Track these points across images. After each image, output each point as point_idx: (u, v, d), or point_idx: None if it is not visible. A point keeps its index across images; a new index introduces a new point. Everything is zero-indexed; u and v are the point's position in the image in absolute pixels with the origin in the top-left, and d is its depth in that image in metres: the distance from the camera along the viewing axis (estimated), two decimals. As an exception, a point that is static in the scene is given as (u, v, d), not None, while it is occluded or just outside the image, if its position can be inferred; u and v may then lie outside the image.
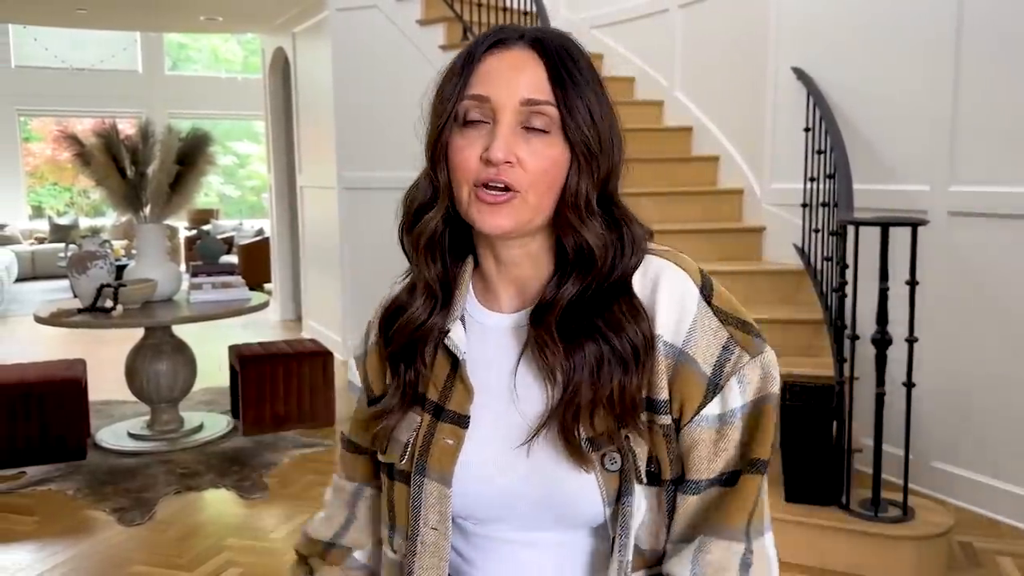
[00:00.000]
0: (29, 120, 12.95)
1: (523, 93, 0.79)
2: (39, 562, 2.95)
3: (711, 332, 0.79)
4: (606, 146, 0.81)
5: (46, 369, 4.13)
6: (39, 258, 10.90)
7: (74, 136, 4.18)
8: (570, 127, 0.79)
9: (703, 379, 0.78)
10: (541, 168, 0.79)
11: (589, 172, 0.80)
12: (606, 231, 0.81)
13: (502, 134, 0.78)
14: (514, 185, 0.78)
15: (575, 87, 0.79)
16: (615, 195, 0.84)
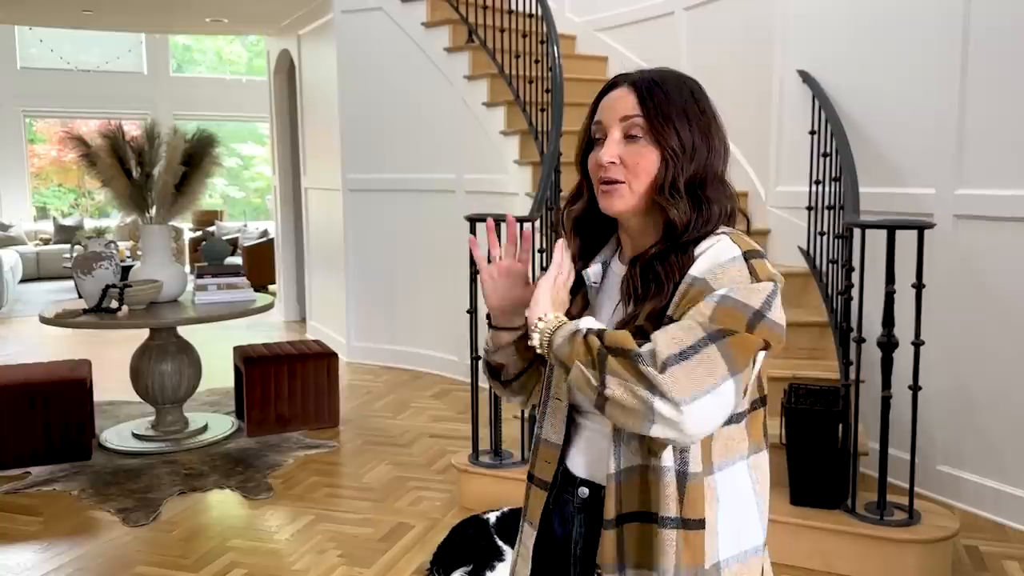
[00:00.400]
0: (34, 121, 12.98)
1: (620, 112, 1.14)
2: (44, 562, 2.96)
3: (738, 275, 1.06)
4: (690, 149, 1.11)
5: (51, 370, 4.14)
6: (44, 259, 10.92)
7: (80, 137, 4.19)
8: (654, 132, 1.11)
9: (708, 291, 1.06)
10: (636, 163, 1.12)
11: (675, 166, 1.11)
12: (691, 210, 1.11)
13: (607, 144, 1.14)
14: (619, 178, 1.13)
15: (659, 105, 1.12)
16: (706, 185, 1.13)
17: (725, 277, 1.05)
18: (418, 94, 5.46)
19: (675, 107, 1.12)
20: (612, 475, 1.11)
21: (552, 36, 4.17)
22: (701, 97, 1.15)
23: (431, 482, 3.70)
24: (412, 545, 3.08)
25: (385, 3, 5.51)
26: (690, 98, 1.13)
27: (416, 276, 5.62)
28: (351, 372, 5.61)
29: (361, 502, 3.48)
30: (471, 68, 5.09)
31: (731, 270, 1.06)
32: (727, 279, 1.05)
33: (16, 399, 3.83)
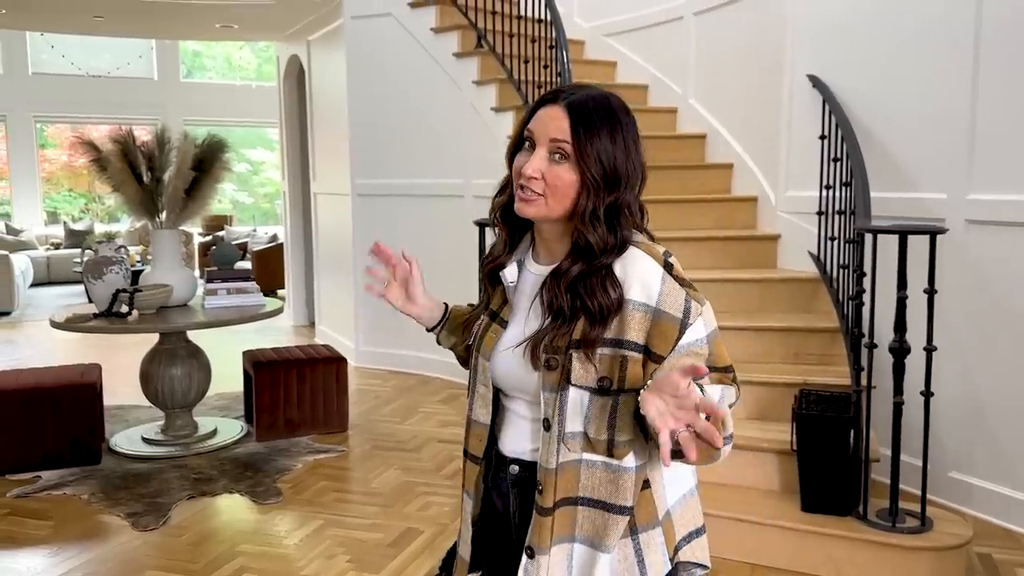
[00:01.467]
0: (45, 127, 13.05)
1: (551, 134, 1.20)
2: (54, 567, 2.96)
3: (675, 292, 1.18)
4: (612, 179, 1.20)
5: (61, 374, 4.15)
6: (55, 263, 10.98)
7: (91, 142, 4.20)
8: (582, 159, 1.19)
9: (676, 322, 1.17)
10: (555, 183, 1.20)
11: (595, 194, 1.19)
12: (607, 234, 1.20)
13: (534, 158, 1.22)
14: (538, 191, 1.22)
15: (587, 135, 1.19)
16: (622, 212, 1.22)
17: (669, 299, 1.17)
18: (427, 99, 5.46)
19: (603, 138, 1.19)
20: (550, 470, 1.22)
21: (561, 41, 4.17)
22: (628, 127, 1.22)
23: (440, 487, 3.70)
24: (421, 550, 3.07)
25: (394, 9, 5.53)
26: (618, 129, 1.21)
27: (425, 280, 5.61)
28: (359, 376, 5.61)
29: (370, 507, 3.48)
30: (480, 73, 5.10)
31: (667, 290, 1.18)
32: (671, 301, 1.17)
33: (27, 403, 3.85)
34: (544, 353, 1.22)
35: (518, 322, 1.30)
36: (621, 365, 1.18)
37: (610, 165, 1.19)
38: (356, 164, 5.87)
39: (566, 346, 1.20)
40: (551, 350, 1.22)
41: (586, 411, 1.21)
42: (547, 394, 1.23)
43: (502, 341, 1.31)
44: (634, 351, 1.18)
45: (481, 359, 1.33)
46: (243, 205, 15.47)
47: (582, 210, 1.19)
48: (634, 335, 1.18)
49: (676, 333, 1.17)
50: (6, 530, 3.29)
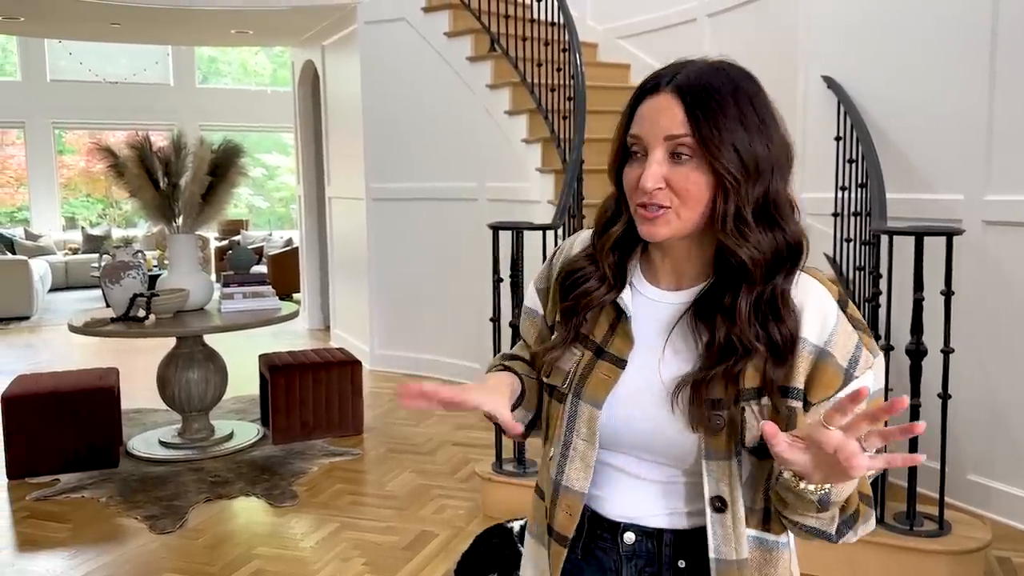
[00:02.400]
0: (63, 133, 13.18)
1: (665, 130, 0.96)
2: (72, 569, 2.99)
3: (847, 335, 0.98)
4: (754, 169, 0.96)
5: (80, 378, 4.19)
6: (73, 268, 11.07)
7: (108, 148, 4.24)
8: (707, 153, 0.95)
9: (840, 370, 0.97)
10: (685, 189, 0.96)
11: (736, 195, 0.95)
12: (765, 238, 0.97)
13: (650, 166, 0.97)
14: (665, 203, 0.97)
15: (711, 120, 0.95)
16: (777, 208, 0.99)
17: (840, 341, 0.97)
18: (440, 103, 5.48)
19: (731, 120, 0.95)
20: (737, 562, 1.00)
21: (574, 44, 4.18)
22: (759, 99, 0.98)
23: (455, 490, 3.70)
24: (436, 553, 3.08)
25: (408, 14, 5.55)
26: (747, 104, 0.96)
27: (438, 284, 5.63)
28: (374, 380, 5.63)
29: (385, 510, 3.49)
30: (493, 77, 5.11)
31: (840, 330, 0.98)
32: (842, 344, 0.97)
33: (46, 407, 3.88)
34: (708, 409, 0.97)
35: (646, 363, 1.03)
36: (788, 420, 0.97)
37: (748, 151, 0.95)
38: (370, 168, 5.89)
39: (735, 397, 0.97)
40: (712, 404, 0.97)
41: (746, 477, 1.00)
42: (715, 463, 0.98)
43: (621, 385, 1.03)
44: (798, 400, 0.97)
45: (584, 406, 1.04)
46: (259, 209, 15.55)
47: (722, 215, 0.95)
48: (798, 381, 0.97)
49: (839, 384, 0.97)
50: (25, 532, 3.32)
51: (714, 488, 0.99)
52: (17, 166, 13.09)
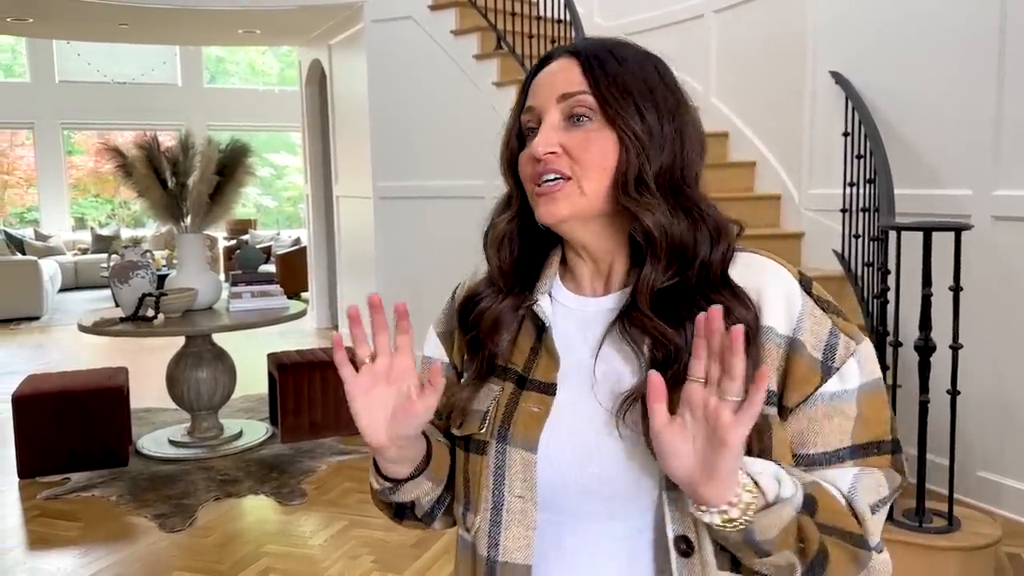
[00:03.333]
0: (72, 133, 13.24)
1: (559, 89, 0.84)
2: (83, 567, 3.00)
3: (817, 320, 0.81)
4: (658, 133, 0.83)
5: (89, 377, 4.21)
6: (82, 268, 11.12)
7: (116, 148, 4.26)
8: (609, 112, 0.82)
9: (815, 364, 0.80)
10: (586, 153, 0.82)
11: (641, 154, 0.81)
12: (672, 217, 0.82)
13: (542, 130, 0.84)
14: (565, 172, 0.82)
15: (613, 77, 0.83)
16: (686, 186, 0.84)
17: (810, 328, 0.80)
18: (447, 101, 5.48)
19: (635, 81, 0.83)
20: None
21: (581, 41, 4.17)
22: (668, 76, 0.87)
23: (463, 488, 3.70)
24: (444, 552, 3.08)
25: (414, 12, 5.55)
26: (654, 74, 0.85)
27: (445, 283, 5.60)
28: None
29: (393, 508, 3.49)
30: (500, 75, 5.10)
31: (807, 314, 0.81)
32: (812, 331, 0.80)
33: (56, 406, 3.90)
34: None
35: (579, 385, 0.84)
36: (759, 431, 0.77)
37: (654, 119, 0.82)
38: (377, 167, 5.90)
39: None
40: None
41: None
42: (676, 493, 0.77)
43: (555, 416, 0.83)
44: (772, 406, 0.79)
45: (515, 452, 0.83)
46: (267, 209, 15.59)
47: (622, 176, 0.81)
48: (775, 382, 0.80)
49: (817, 380, 0.79)
50: (36, 531, 3.34)
51: (678, 527, 0.78)
52: (27, 167, 13.16)
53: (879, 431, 0.82)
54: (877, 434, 0.82)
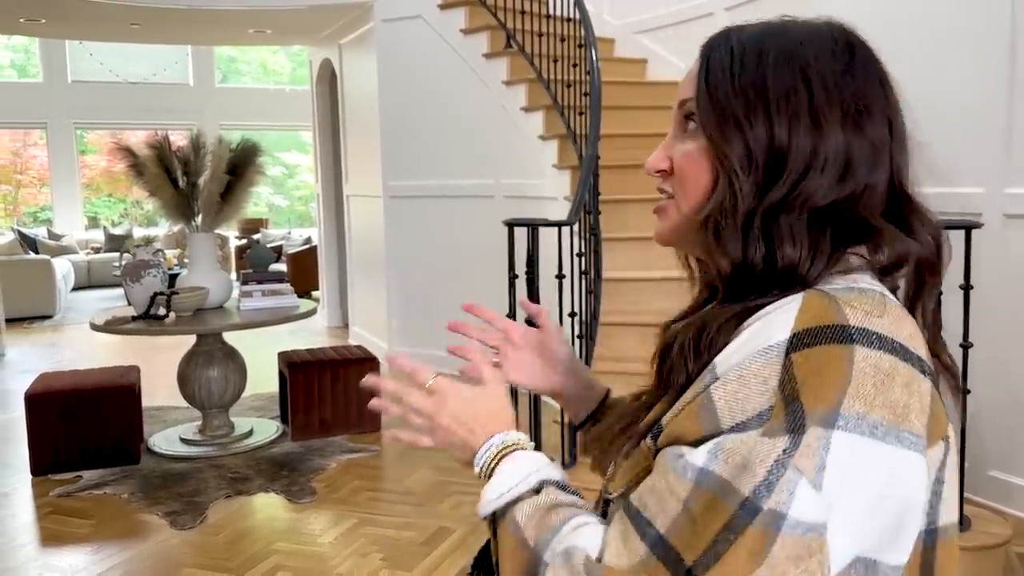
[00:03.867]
0: (85, 133, 13.32)
1: (681, 92, 0.76)
2: (95, 564, 3.03)
3: (760, 385, 0.61)
4: (763, 163, 0.68)
5: (101, 375, 4.24)
6: (95, 267, 11.19)
7: (128, 148, 4.28)
8: (701, 120, 0.71)
9: (708, 425, 0.63)
10: (680, 168, 0.74)
11: (730, 188, 0.69)
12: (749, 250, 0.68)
13: (662, 143, 0.77)
14: (668, 190, 0.77)
15: (712, 83, 0.71)
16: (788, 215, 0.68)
17: (735, 386, 0.62)
18: (457, 100, 5.49)
19: (745, 85, 0.69)
20: None
21: (590, 40, 4.17)
22: (819, 73, 0.70)
23: (472, 486, 3.70)
24: (453, 549, 3.09)
25: (424, 11, 5.56)
26: (787, 71, 0.69)
27: (455, 281, 5.64)
28: (393, 377, 5.64)
29: (403, 506, 3.51)
30: (509, 73, 5.11)
31: (750, 371, 0.62)
32: (736, 393, 0.62)
33: (68, 404, 3.93)
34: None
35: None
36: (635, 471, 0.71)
37: (760, 134, 0.68)
38: (387, 166, 5.91)
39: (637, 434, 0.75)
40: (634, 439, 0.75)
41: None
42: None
43: None
44: (652, 442, 0.70)
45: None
46: (279, 208, 15.65)
47: (706, 210, 0.70)
48: (668, 414, 0.69)
49: (696, 434, 0.63)
50: (49, 528, 3.36)
51: None
52: (40, 166, 13.25)
53: (694, 542, 0.59)
54: (686, 543, 0.59)
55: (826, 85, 0.69)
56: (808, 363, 0.60)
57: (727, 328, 0.68)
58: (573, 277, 3.50)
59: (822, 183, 0.68)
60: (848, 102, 0.70)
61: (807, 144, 0.68)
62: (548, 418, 3.56)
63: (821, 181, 0.68)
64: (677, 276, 0.88)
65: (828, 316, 0.62)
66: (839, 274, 0.69)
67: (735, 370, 0.63)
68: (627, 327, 3.69)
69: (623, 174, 4.38)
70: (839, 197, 0.68)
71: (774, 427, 0.59)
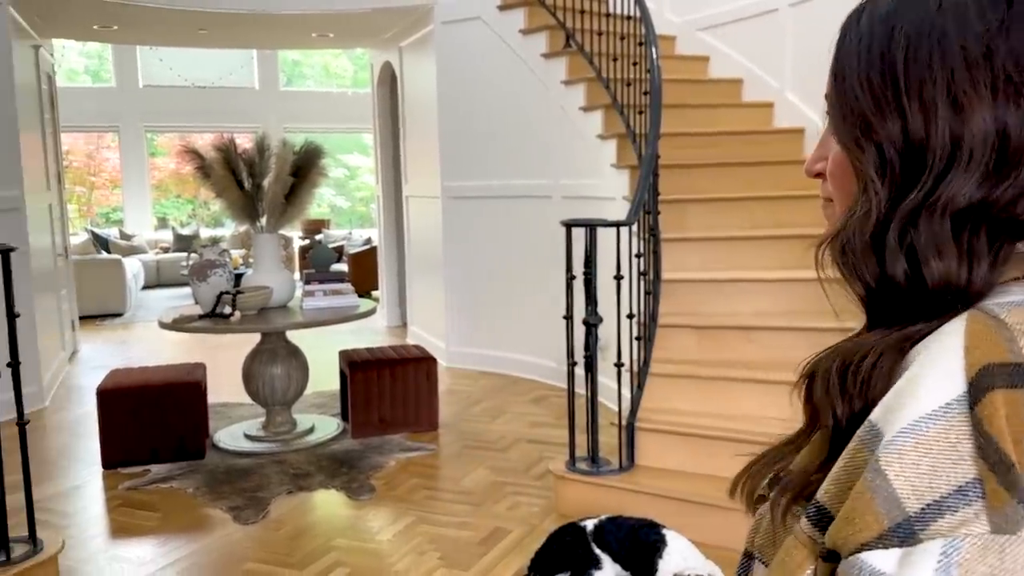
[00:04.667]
0: (155, 136, 13.71)
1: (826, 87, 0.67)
2: (161, 556, 3.11)
3: (948, 452, 0.49)
4: (899, 166, 0.58)
5: (169, 372, 4.35)
6: (164, 267, 11.51)
7: (196, 150, 4.39)
8: (834, 124, 0.63)
9: (891, 512, 0.49)
10: (830, 172, 0.66)
11: (865, 196, 0.59)
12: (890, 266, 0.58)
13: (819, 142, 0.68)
14: (825, 194, 0.69)
15: (848, 67, 0.62)
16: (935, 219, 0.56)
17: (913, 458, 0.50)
18: (515, 101, 5.49)
19: (873, 79, 0.60)
20: None
21: (650, 38, 4.12)
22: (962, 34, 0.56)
23: (528, 487, 3.70)
24: (510, 550, 3.08)
25: (483, 12, 5.57)
26: (921, 48, 0.58)
27: (513, 281, 5.64)
28: (450, 377, 5.68)
29: (460, 505, 3.52)
30: (568, 73, 5.09)
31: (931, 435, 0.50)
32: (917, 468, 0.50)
33: (137, 400, 4.04)
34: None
35: None
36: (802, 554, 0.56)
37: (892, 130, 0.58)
38: (446, 167, 5.95)
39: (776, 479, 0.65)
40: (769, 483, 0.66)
41: None
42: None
43: None
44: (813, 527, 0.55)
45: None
46: (340, 209, 15.88)
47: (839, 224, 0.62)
48: (824, 486, 0.55)
49: (874, 530, 0.49)
50: (119, 520, 3.47)
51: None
52: (112, 168, 13.69)
53: None
54: None
55: (968, 57, 0.56)
56: (995, 419, 0.49)
57: (878, 366, 0.56)
58: (631, 278, 3.47)
59: (968, 179, 0.56)
60: (1001, 69, 0.55)
61: (946, 134, 0.56)
62: (605, 420, 3.53)
63: (967, 177, 0.56)
64: (737, 278, 0.83)
65: (1001, 351, 0.51)
66: (1015, 281, 0.56)
67: (907, 435, 0.50)
68: (686, 329, 3.64)
69: (684, 173, 4.33)
70: (990, 194, 0.56)
71: (1005, 511, 0.47)
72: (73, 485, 3.86)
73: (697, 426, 3.30)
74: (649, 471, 3.34)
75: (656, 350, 3.57)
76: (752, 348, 3.52)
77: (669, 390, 3.48)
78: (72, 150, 13.30)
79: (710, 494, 3.07)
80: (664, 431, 3.35)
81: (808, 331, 3.41)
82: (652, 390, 3.47)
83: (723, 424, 3.26)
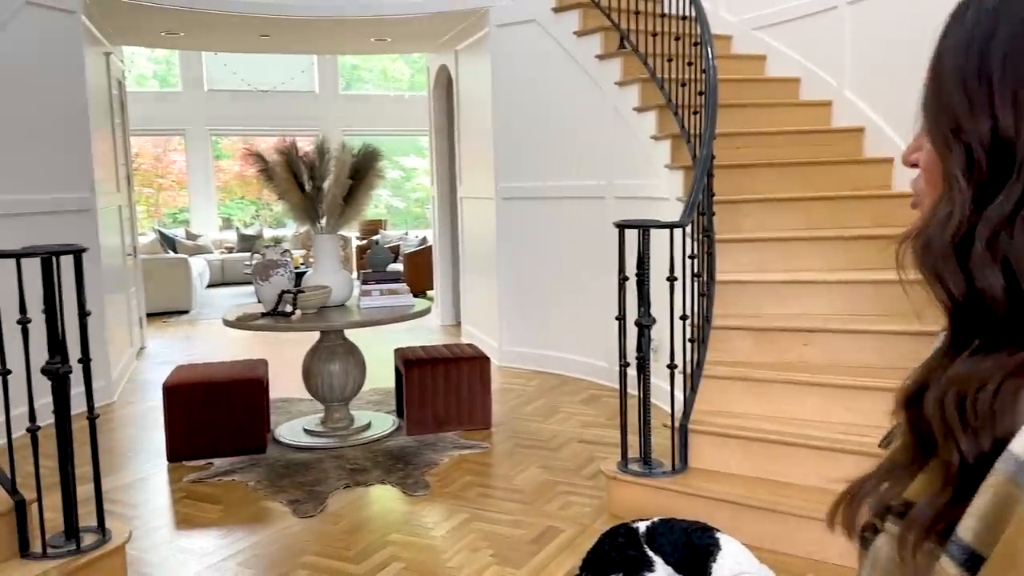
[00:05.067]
0: (220, 139, 14.06)
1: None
2: (223, 548, 3.20)
3: None
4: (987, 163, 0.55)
5: (232, 368, 4.47)
6: (228, 266, 11.81)
7: (259, 154, 4.51)
8: (928, 123, 0.60)
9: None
10: (923, 166, 0.63)
11: (949, 194, 0.56)
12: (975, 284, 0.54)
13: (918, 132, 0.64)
14: (915, 189, 0.66)
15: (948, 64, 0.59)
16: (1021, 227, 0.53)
17: None
18: (569, 102, 5.51)
19: (970, 77, 0.57)
20: None
21: (706, 37, 4.10)
22: None
23: (580, 487, 3.72)
24: (562, 549, 3.11)
25: (538, 15, 5.60)
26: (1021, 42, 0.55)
27: (566, 282, 5.66)
28: (503, 375, 5.72)
29: (512, 503, 3.55)
30: (622, 74, 5.09)
31: None
32: None
33: (201, 395, 4.17)
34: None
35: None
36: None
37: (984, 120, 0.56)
38: (500, 168, 5.99)
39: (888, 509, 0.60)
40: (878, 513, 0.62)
41: None
42: None
43: None
44: (956, 565, 0.52)
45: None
46: (396, 210, 16.07)
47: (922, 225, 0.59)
48: (965, 524, 0.52)
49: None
50: (183, 512, 3.58)
51: None
52: (178, 171, 14.08)
53: None
54: None
55: None
56: None
57: (1000, 396, 0.52)
58: (685, 279, 3.46)
59: None
60: None
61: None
62: (658, 421, 3.53)
63: None
64: (794, 279, 0.81)
65: None
66: None
67: None
68: (741, 331, 3.61)
69: (739, 174, 4.30)
70: None
71: None
72: (139, 477, 4.00)
73: (752, 429, 3.28)
74: (702, 473, 3.33)
75: (711, 352, 3.56)
76: (809, 351, 3.48)
77: (723, 392, 3.47)
78: (140, 153, 13.72)
79: (765, 498, 3.05)
80: (718, 434, 3.34)
81: (867, 334, 3.36)
82: (706, 392, 3.46)
83: (779, 428, 3.23)
